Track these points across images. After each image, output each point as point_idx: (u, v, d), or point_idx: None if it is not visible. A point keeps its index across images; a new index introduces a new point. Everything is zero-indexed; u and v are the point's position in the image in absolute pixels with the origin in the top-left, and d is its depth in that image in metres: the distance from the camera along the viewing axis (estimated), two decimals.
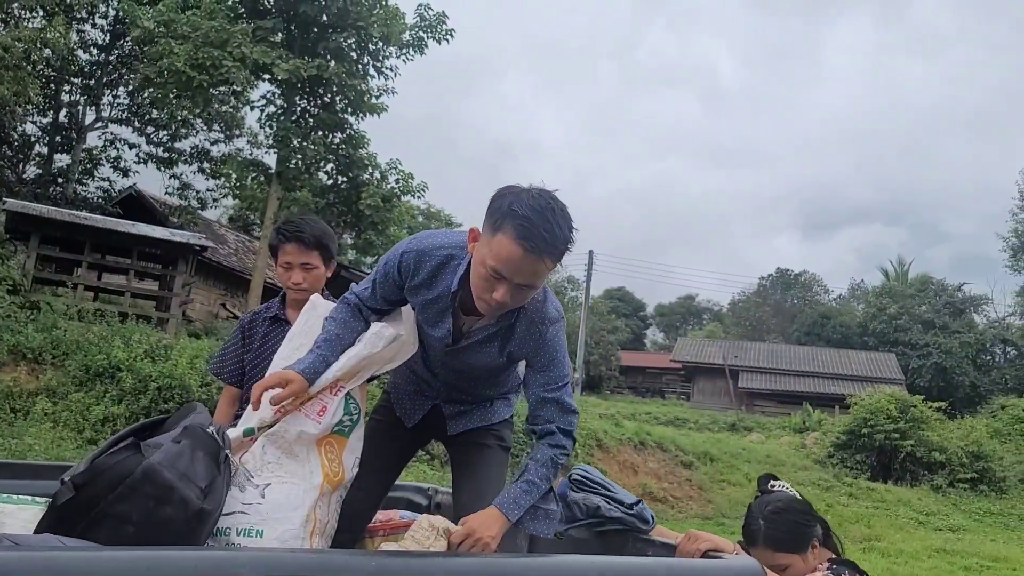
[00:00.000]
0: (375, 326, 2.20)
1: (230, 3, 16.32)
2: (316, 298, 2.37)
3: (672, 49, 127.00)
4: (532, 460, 2.05)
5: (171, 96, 16.45)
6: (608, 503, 2.34)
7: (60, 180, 23.12)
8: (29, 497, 1.95)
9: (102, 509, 1.64)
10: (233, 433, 2.10)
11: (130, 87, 22.68)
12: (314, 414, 2.07)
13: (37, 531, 1.69)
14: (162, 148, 24.53)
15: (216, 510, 1.79)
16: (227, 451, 1.90)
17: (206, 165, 24.68)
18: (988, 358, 39.25)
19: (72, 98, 23.29)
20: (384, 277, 2.15)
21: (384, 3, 16.82)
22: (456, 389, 2.32)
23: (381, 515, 2.45)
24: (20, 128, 21.86)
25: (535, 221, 1.79)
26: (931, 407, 19.30)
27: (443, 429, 2.38)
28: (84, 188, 24.18)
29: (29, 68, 17.40)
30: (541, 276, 1.90)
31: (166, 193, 25.36)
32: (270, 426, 2.06)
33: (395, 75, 17.72)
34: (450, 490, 2.50)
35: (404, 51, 17.46)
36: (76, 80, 22.83)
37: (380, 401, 2.49)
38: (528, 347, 2.09)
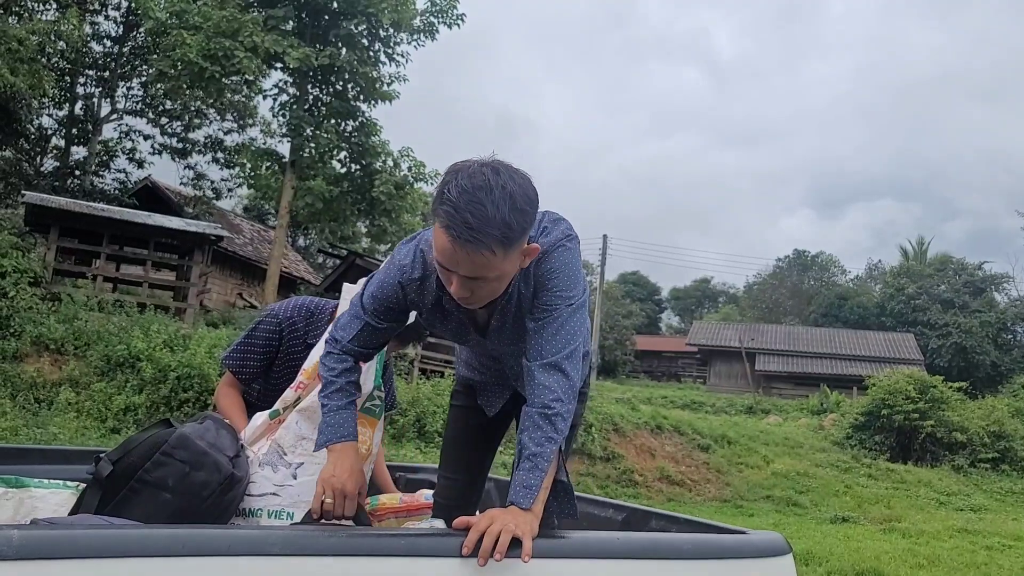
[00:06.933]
0: (347, 287, 2.18)
1: None
2: (348, 287, 2.29)
3: (674, 21, 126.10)
4: (521, 432, 1.72)
5: (184, 87, 16.51)
6: None
7: (77, 172, 23.32)
8: (60, 481, 1.98)
9: (140, 478, 1.70)
10: (260, 418, 2.13)
11: (144, 78, 22.79)
12: None
13: (73, 510, 1.73)
14: (176, 139, 24.70)
15: (245, 477, 1.85)
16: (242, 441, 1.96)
17: (220, 155, 24.83)
18: (1009, 337, 38.85)
19: (87, 90, 23.47)
20: (384, 307, 1.93)
21: None
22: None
23: (407, 496, 2.47)
24: (37, 121, 22.03)
25: (460, 206, 1.56)
26: (951, 387, 19.16)
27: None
28: (101, 180, 24.39)
29: (44, 61, 17.53)
30: (490, 267, 1.62)
31: (181, 183, 25.55)
32: (294, 404, 2.08)
33: (406, 61, 17.69)
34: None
35: (415, 37, 17.42)
36: (90, 72, 22.97)
37: (456, 387, 2.36)
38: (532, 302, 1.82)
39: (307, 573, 1.34)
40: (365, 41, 17.31)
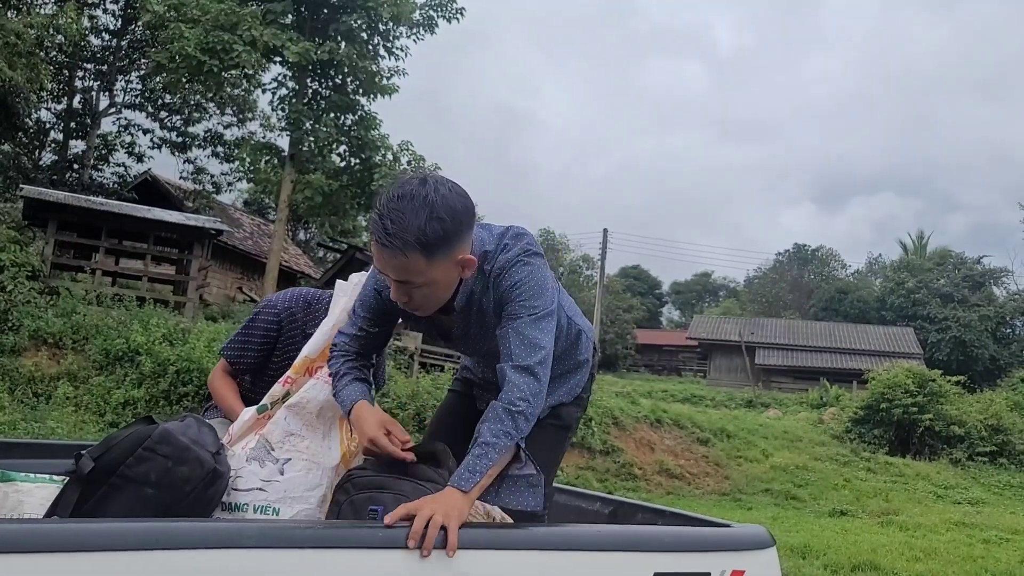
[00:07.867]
0: (354, 276, 2.19)
1: None
2: (340, 284, 2.31)
3: (675, 14, 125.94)
4: (481, 422, 1.78)
5: (183, 81, 16.49)
6: None
7: (76, 166, 23.31)
8: (47, 476, 1.98)
9: (122, 473, 1.70)
10: (248, 413, 2.12)
11: (142, 72, 22.77)
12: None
13: (55, 504, 1.73)
14: (175, 133, 24.68)
15: (227, 473, 1.86)
16: (222, 441, 1.98)
17: (220, 149, 24.81)
18: (1008, 331, 38.86)
19: (85, 84, 23.44)
20: (363, 306, 2.09)
21: None
22: None
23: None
24: (35, 115, 22.01)
25: (384, 213, 1.70)
26: (950, 381, 19.17)
27: None
28: (100, 174, 24.38)
29: (42, 54, 17.50)
30: (412, 271, 1.73)
31: (180, 177, 25.56)
32: (283, 399, 2.08)
33: (405, 55, 17.66)
34: None
35: (414, 31, 17.39)
36: (89, 66, 22.94)
37: (457, 375, 2.47)
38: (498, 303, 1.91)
39: (282, 565, 1.34)
40: (364, 35, 17.29)
